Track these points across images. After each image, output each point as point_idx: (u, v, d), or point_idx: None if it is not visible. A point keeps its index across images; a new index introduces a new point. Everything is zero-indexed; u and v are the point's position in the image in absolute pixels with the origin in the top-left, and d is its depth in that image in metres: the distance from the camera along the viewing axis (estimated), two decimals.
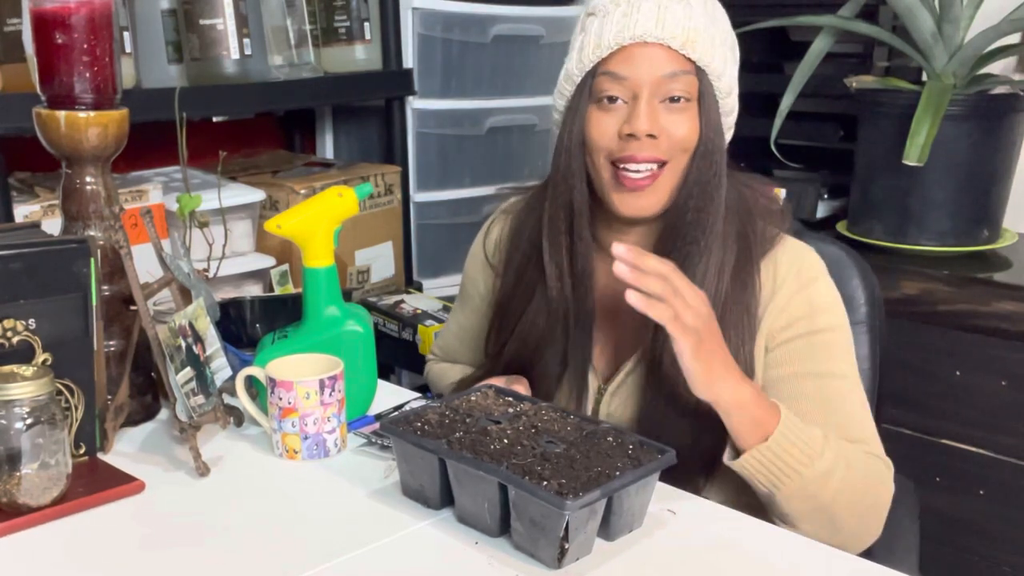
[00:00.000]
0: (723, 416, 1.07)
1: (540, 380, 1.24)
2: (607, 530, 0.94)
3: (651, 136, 1.13)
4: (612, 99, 1.15)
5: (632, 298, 1.01)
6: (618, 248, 1.02)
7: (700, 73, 1.14)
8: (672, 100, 1.13)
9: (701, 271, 1.15)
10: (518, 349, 1.26)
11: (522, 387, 1.21)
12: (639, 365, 1.21)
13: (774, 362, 1.17)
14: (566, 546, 0.89)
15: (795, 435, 1.07)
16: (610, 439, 1.00)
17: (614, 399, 1.22)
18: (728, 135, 1.20)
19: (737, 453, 1.09)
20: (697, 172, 1.16)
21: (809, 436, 1.08)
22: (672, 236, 1.18)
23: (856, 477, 1.10)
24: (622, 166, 1.14)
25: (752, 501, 1.12)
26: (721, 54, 1.15)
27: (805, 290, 1.18)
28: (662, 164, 1.15)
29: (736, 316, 1.16)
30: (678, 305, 1.02)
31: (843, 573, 0.94)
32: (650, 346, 1.17)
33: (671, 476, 1.06)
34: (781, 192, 1.26)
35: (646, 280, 1.01)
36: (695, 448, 1.13)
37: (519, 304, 1.27)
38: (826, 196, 2.26)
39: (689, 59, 1.13)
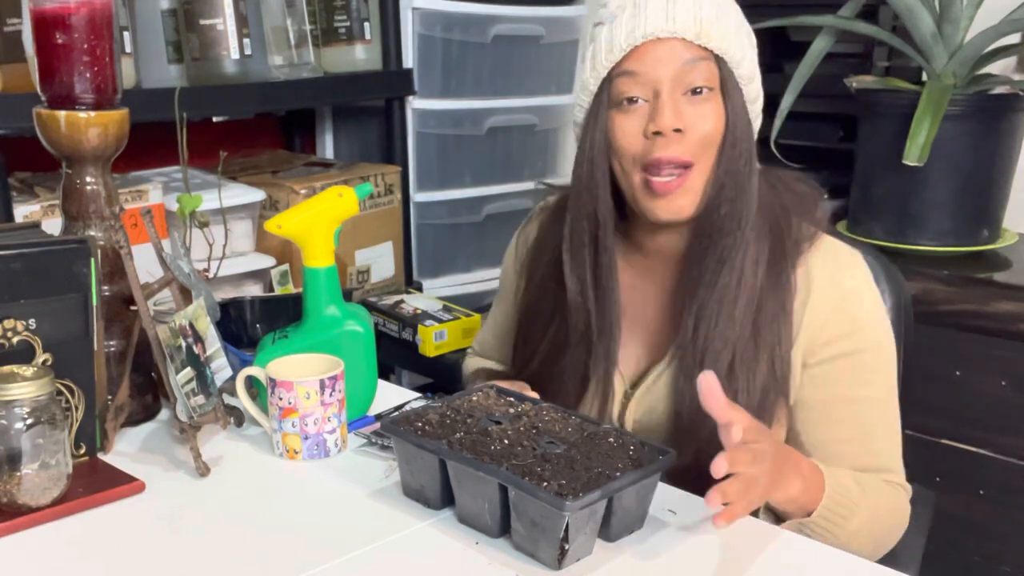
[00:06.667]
0: (769, 501, 1.04)
1: (559, 395, 1.20)
2: (608, 531, 0.94)
3: (678, 131, 1.09)
4: (632, 100, 1.11)
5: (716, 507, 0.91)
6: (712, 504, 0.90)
7: (719, 61, 1.10)
8: (694, 92, 1.10)
9: (739, 266, 1.12)
10: (540, 366, 1.24)
11: (526, 388, 1.20)
12: (670, 367, 1.17)
13: (812, 382, 1.14)
14: (566, 547, 0.89)
15: (836, 505, 1.06)
16: (611, 440, 1.00)
17: (642, 403, 1.19)
18: (756, 124, 1.17)
19: (776, 517, 1.08)
20: (727, 163, 1.12)
21: (847, 500, 1.07)
22: (707, 231, 1.14)
23: (880, 523, 1.12)
24: (652, 177, 1.11)
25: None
26: (737, 40, 1.11)
27: (847, 303, 1.14)
28: (688, 166, 1.11)
29: (772, 312, 1.13)
30: (751, 493, 0.94)
31: (843, 573, 0.94)
32: (683, 348, 1.14)
33: (702, 482, 1.06)
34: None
35: (726, 491, 0.91)
36: None
37: (540, 320, 1.25)
38: (826, 196, 2.25)
39: (706, 48, 1.09)
